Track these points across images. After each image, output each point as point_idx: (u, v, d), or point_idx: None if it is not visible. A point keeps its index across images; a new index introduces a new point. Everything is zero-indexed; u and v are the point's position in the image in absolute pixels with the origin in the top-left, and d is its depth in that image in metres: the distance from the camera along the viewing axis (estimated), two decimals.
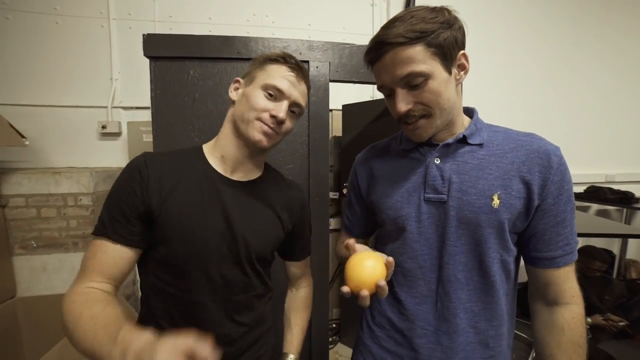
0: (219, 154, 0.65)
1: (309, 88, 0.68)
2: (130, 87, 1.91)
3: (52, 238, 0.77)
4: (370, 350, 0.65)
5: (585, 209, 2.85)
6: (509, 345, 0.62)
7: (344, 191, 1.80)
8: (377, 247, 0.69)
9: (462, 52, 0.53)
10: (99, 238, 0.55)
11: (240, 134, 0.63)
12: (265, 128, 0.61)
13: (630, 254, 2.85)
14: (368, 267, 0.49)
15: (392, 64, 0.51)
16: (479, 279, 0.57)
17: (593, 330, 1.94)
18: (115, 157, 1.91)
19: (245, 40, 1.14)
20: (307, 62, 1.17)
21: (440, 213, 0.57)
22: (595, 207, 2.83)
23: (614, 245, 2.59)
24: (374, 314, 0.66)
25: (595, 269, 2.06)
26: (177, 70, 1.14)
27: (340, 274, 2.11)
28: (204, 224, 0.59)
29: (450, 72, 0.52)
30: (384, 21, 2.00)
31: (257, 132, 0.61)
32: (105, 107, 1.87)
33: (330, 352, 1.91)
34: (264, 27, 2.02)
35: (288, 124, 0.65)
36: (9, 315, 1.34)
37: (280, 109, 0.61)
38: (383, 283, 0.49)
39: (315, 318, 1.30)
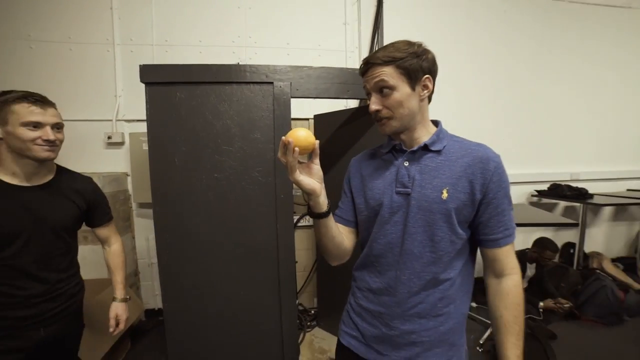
0: (10, 172, 0.91)
1: (54, 105, 0.94)
2: (132, 103, 2.19)
3: None
4: (353, 307, 0.84)
5: (553, 206, 3.06)
6: (463, 314, 0.75)
7: None
8: (360, 233, 0.84)
9: (426, 76, 0.68)
10: None
11: (27, 157, 0.89)
12: (46, 147, 0.90)
13: (595, 247, 3.06)
14: (301, 132, 0.65)
15: (371, 76, 0.69)
16: (430, 254, 0.70)
17: (544, 313, 2.15)
18: (119, 163, 2.20)
19: (222, 68, 1.41)
20: (272, 83, 1.44)
21: (406, 202, 0.71)
22: (562, 203, 3.04)
23: (576, 238, 2.80)
24: (359, 284, 0.83)
25: (547, 257, 2.27)
26: (167, 92, 1.41)
27: (317, 269, 2.34)
28: (11, 221, 0.89)
29: (413, 89, 0.68)
30: (356, 38, 2.31)
31: (43, 152, 0.90)
32: (111, 120, 2.16)
33: (308, 334, 2.14)
34: (248, 47, 2.30)
35: (59, 136, 0.94)
36: None
37: (48, 134, 0.89)
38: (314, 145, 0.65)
39: (285, 304, 1.55)
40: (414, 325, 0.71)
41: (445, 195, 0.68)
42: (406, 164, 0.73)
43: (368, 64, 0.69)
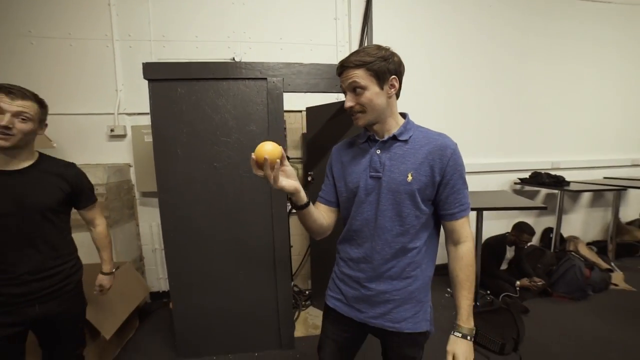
0: None
1: (30, 98, 0.99)
2: (132, 97, 2.29)
3: (75, 220, 1.08)
4: (337, 275, 0.96)
5: (535, 193, 3.23)
6: (429, 276, 0.89)
7: (309, 179, 2.18)
8: (342, 212, 0.95)
9: (393, 76, 0.79)
10: None
11: None
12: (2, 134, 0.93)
13: (573, 232, 3.26)
14: (268, 145, 0.71)
15: (346, 77, 0.79)
16: (399, 227, 0.82)
17: (521, 290, 2.34)
18: (122, 155, 2.31)
19: (219, 65, 1.52)
20: (265, 78, 1.56)
21: (378, 184, 0.83)
22: (544, 191, 3.21)
23: (553, 223, 2.99)
24: (342, 255, 0.97)
25: (524, 240, 2.45)
26: (168, 88, 1.52)
27: (311, 253, 2.50)
28: None
29: (382, 88, 0.79)
30: (346, 32, 2.43)
31: None
32: (113, 113, 2.26)
33: (303, 313, 2.31)
34: (242, 42, 2.39)
35: (21, 126, 0.96)
36: None
37: (7, 119, 0.92)
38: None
39: (281, 287, 1.71)
40: (387, 286, 0.85)
41: (410, 178, 0.80)
42: (378, 152, 0.84)
43: (343, 67, 0.80)
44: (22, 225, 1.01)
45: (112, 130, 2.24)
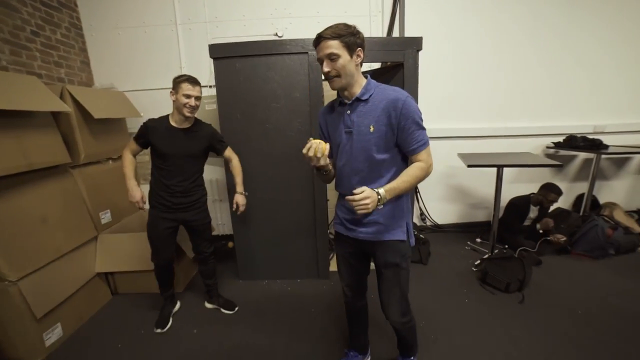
0: (173, 120, 1.60)
1: (199, 84, 1.57)
2: (193, 72, 2.64)
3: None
4: (339, 207, 1.26)
5: (571, 158, 3.18)
6: (407, 199, 1.12)
7: None
8: (333, 160, 1.17)
9: (359, 48, 0.99)
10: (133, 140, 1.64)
11: (180, 112, 1.54)
12: (189, 109, 1.53)
13: (616, 199, 3.19)
14: (321, 144, 1.00)
15: (323, 47, 0.97)
16: (369, 168, 1.05)
17: (539, 246, 2.50)
18: None
19: (268, 43, 1.84)
20: (307, 52, 1.84)
21: (350, 137, 1.06)
22: (582, 156, 3.15)
23: (598, 191, 2.97)
24: (339, 192, 1.25)
25: (550, 199, 2.55)
26: (228, 64, 1.88)
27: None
28: (172, 147, 1.58)
29: (351, 57, 0.98)
30: (379, 3, 2.55)
31: (186, 111, 1.53)
32: None
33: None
34: (284, 18, 2.65)
35: (197, 103, 1.56)
36: (72, 182, 1.95)
37: (192, 101, 1.52)
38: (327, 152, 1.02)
39: (319, 231, 2.10)
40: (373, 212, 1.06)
41: (372, 129, 1.02)
42: (348, 112, 1.06)
43: (320, 38, 0.98)
44: (182, 163, 1.61)
45: None
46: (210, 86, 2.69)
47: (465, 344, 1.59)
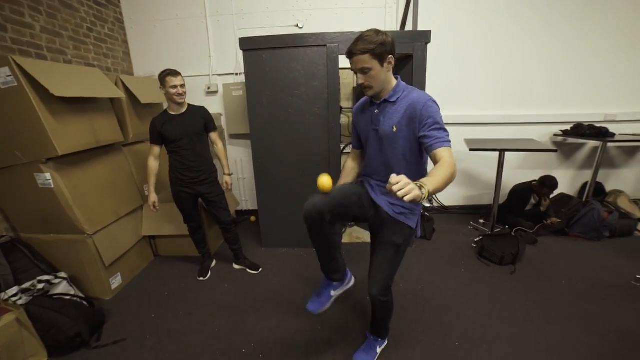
0: (171, 110, 1.88)
1: (181, 74, 1.84)
2: (221, 61, 2.97)
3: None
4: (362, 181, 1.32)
5: (579, 146, 3.26)
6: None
7: None
8: (364, 150, 1.27)
9: (390, 56, 1.02)
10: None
11: (172, 101, 1.82)
12: (178, 96, 1.81)
13: (624, 187, 3.27)
14: (324, 179, 1.09)
15: (355, 62, 1.03)
16: (391, 161, 1.13)
17: (538, 229, 2.68)
18: (215, 106, 3.08)
19: (291, 36, 2.06)
20: (325, 45, 2.05)
21: (377, 134, 1.14)
22: (591, 144, 3.22)
23: (604, 179, 3.11)
24: (365, 171, 1.31)
25: (543, 193, 2.72)
26: (256, 56, 2.13)
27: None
28: (176, 131, 1.86)
29: (383, 66, 1.03)
30: None
31: (177, 99, 1.81)
32: (208, 75, 2.99)
33: (349, 230, 3.00)
34: (304, 10, 2.84)
35: (184, 90, 1.83)
36: (124, 158, 2.28)
37: (179, 89, 1.80)
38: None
39: None
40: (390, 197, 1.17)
41: (395, 129, 1.08)
42: (376, 111, 1.15)
43: (351, 54, 1.03)
44: (186, 140, 1.85)
45: (208, 88, 2.99)
46: (237, 74, 2.95)
47: (457, 304, 1.85)
